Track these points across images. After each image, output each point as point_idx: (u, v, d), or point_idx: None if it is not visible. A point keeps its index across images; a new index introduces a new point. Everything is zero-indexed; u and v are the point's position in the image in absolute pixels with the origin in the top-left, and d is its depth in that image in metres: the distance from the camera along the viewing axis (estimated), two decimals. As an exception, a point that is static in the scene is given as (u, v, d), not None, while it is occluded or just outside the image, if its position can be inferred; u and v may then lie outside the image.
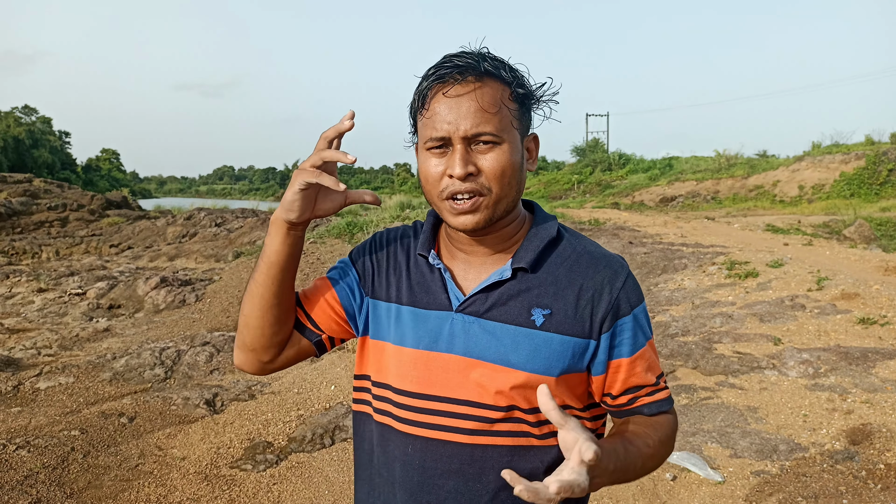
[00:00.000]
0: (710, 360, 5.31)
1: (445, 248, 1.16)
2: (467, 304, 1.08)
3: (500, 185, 1.02)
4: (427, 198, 1.08)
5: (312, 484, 3.51)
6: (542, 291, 1.07)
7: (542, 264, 1.10)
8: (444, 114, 1.01)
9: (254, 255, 7.99)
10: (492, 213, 1.04)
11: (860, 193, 20.92)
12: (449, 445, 1.07)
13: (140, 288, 8.25)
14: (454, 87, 1.01)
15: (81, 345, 6.21)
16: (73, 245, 14.02)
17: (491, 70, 1.03)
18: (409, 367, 1.10)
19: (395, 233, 1.23)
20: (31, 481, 3.28)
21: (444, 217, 1.06)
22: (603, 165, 34.47)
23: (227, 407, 4.45)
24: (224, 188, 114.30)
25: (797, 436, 3.93)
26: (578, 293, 1.07)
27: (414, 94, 1.08)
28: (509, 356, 1.05)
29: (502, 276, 1.08)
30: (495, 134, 1.01)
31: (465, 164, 1.00)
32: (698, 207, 23.49)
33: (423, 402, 1.08)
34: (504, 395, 1.05)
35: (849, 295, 6.59)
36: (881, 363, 4.97)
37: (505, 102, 1.03)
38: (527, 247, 1.10)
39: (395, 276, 1.16)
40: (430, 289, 1.12)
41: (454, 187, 1.01)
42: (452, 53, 1.04)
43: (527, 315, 1.06)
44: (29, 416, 4.19)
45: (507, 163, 1.02)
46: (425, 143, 1.04)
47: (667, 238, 11.64)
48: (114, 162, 78.50)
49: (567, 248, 1.12)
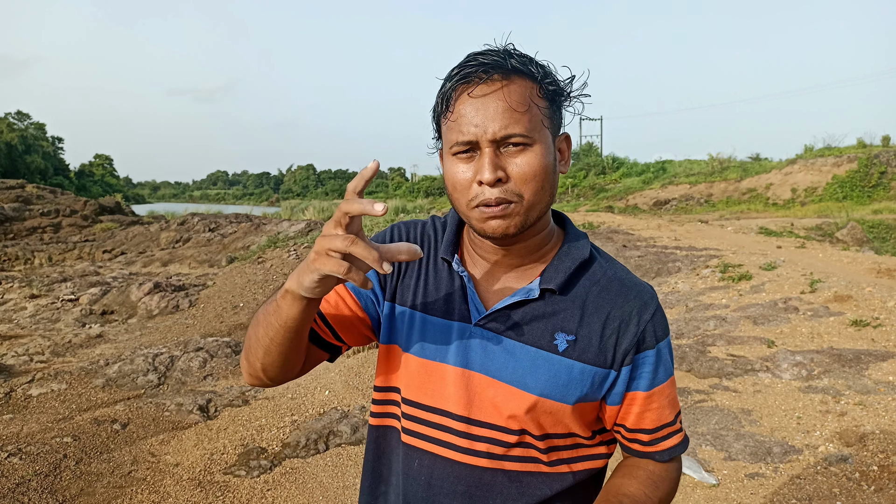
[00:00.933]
0: (704, 363, 5.32)
1: (468, 254, 1.10)
2: (489, 320, 1.02)
3: (533, 190, 0.95)
4: (455, 206, 1.01)
5: (307, 490, 3.50)
6: (568, 316, 1.02)
7: (571, 287, 1.04)
8: (470, 116, 0.94)
9: (260, 293, 7.98)
10: (524, 220, 0.97)
11: (852, 196, 21.03)
12: (457, 466, 1.03)
13: (133, 294, 8.22)
14: (479, 87, 0.94)
15: (74, 351, 6.18)
16: (66, 251, 13.96)
17: (518, 66, 0.95)
18: (419, 378, 1.05)
19: (415, 229, 1.15)
20: (23, 489, 3.26)
21: (473, 225, 0.99)
22: (597, 169, 34.54)
23: (220, 413, 4.43)
24: (218, 193, 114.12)
25: (791, 438, 3.94)
26: (605, 321, 1.01)
27: (437, 97, 1.01)
28: (526, 379, 1.00)
29: (528, 296, 1.02)
30: (526, 135, 0.93)
31: (495, 169, 0.93)
32: (692, 210, 23.55)
33: (434, 416, 1.04)
34: (516, 419, 1.01)
35: (842, 297, 6.62)
36: (874, 365, 4.99)
37: (534, 100, 0.96)
38: (557, 266, 1.04)
39: (415, 278, 1.09)
40: (451, 297, 1.06)
41: (484, 196, 0.94)
42: (476, 52, 0.97)
43: (549, 339, 1.01)
44: (21, 423, 4.16)
45: (540, 165, 0.95)
46: (451, 147, 0.97)
47: (660, 241, 11.67)
48: (107, 167, 78.33)
49: (598, 272, 1.06)
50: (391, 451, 1.11)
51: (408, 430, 1.07)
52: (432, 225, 1.15)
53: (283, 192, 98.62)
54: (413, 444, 1.06)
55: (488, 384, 1.01)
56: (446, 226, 1.14)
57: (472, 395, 1.02)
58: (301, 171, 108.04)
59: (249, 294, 8.09)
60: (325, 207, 22.68)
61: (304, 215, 20.61)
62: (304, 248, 9.92)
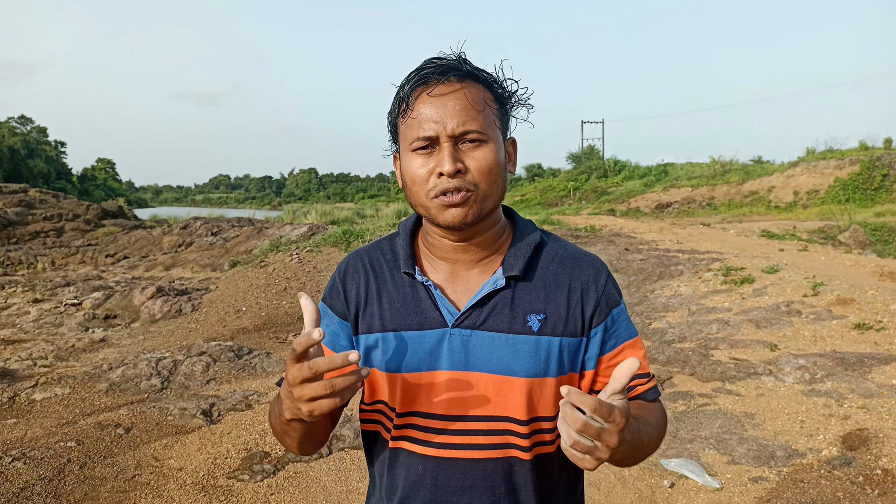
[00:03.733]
0: (707, 367, 5.32)
1: (427, 261, 1.14)
2: (463, 318, 1.07)
3: (488, 182, 1.03)
4: (412, 200, 1.07)
5: (310, 494, 3.50)
6: (534, 297, 1.08)
7: (532, 270, 1.11)
8: (429, 113, 1.01)
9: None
10: (479, 209, 1.03)
11: (855, 199, 20.99)
12: (461, 462, 1.07)
13: (136, 298, 8.24)
14: (438, 87, 1.02)
15: (77, 355, 6.19)
16: (69, 255, 13.98)
17: (472, 71, 1.04)
18: (410, 391, 1.08)
19: (360, 259, 1.19)
20: (27, 493, 3.26)
21: (432, 215, 1.04)
22: (598, 172, 34.53)
23: (223, 417, 4.43)
24: (220, 197, 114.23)
25: (794, 442, 3.93)
26: (568, 294, 1.09)
27: (394, 101, 1.08)
28: (511, 365, 1.05)
29: (496, 286, 1.07)
30: (482, 132, 1.01)
31: (454, 161, 1.00)
32: (694, 213, 23.53)
33: (434, 421, 1.07)
34: (511, 406, 1.06)
35: (844, 300, 6.61)
36: (877, 368, 4.99)
37: (488, 102, 1.04)
38: (515, 254, 1.10)
39: (376, 304, 1.13)
40: (420, 308, 1.09)
41: (443, 185, 1.01)
42: (432, 57, 1.05)
43: (522, 322, 1.06)
44: (25, 428, 4.17)
45: (494, 161, 1.03)
46: (410, 143, 1.03)
47: (663, 244, 11.66)
48: (109, 171, 78.52)
49: (550, 251, 1.14)
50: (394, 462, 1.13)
51: (409, 438, 1.10)
52: (378, 247, 1.20)
53: (286, 196, 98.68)
54: (415, 450, 1.09)
55: (478, 379, 1.06)
56: (393, 242, 1.19)
57: (465, 393, 1.06)
58: (303, 174, 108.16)
59: (252, 298, 8.10)
60: (328, 211, 22.69)
61: (307, 219, 20.63)
62: (306, 251, 9.93)
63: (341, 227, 12.04)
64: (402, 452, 1.10)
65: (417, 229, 1.19)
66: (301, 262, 9.35)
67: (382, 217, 13.82)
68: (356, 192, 76.55)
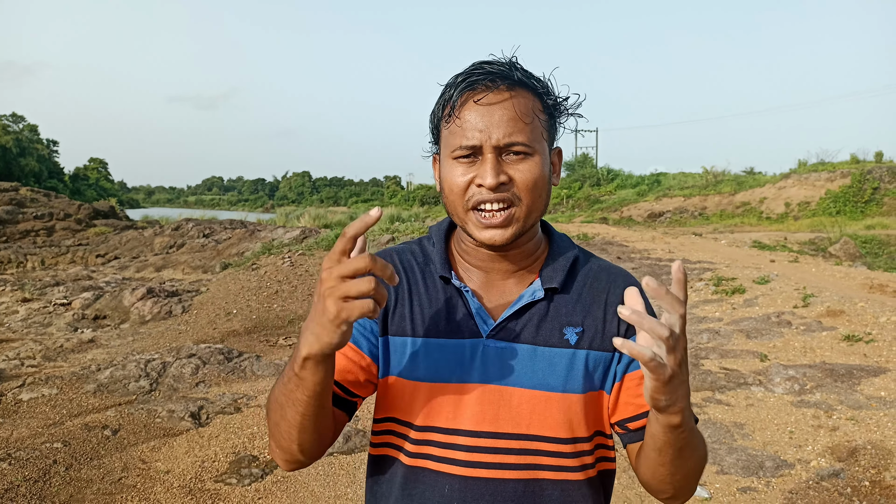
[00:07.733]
0: (697, 376, 5.33)
1: (461, 266, 1.09)
2: (499, 329, 1.02)
3: (532, 197, 0.98)
4: (449, 209, 1.02)
5: (298, 499, 3.48)
6: (571, 310, 1.04)
7: (569, 283, 1.07)
8: (475, 121, 0.96)
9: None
10: (522, 227, 0.99)
11: (846, 211, 21.17)
12: (492, 483, 1.00)
13: (126, 299, 8.19)
14: (487, 95, 0.96)
15: (66, 356, 6.14)
16: (59, 255, 13.90)
17: (523, 80, 0.99)
18: (435, 403, 1.02)
19: (390, 258, 1.12)
20: (12, 494, 3.23)
21: (469, 230, 1.00)
22: (592, 181, 34.66)
23: (212, 420, 4.41)
24: (213, 199, 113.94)
25: (783, 452, 3.94)
26: (604, 308, 1.05)
27: (438, 102, 1.02)
28: (548, 379, 1.01)
29: (535, 297, 1.03)
30: (528, 144, 0.97)
31: (497, 174, 0.95)
32: (686, 223, 23.66)
33: (460, 438, 1.01)
34: (546, 423, 1.00)
35: (834, 312, 6.65)
36: (866, 380, 5.01)
37: (536, 113, 0.99)
38: (553, 266, 1.06)
39: (408, 306, 1.06)
40: (454, 315, 1.04)
41: (481, 196, 0.96)
42: (483, 60, 1.00)
43: (559, 335, 1.02)
44: (11, 428, 4.13)
45: (539, 174, 0.98)
46: (452, 151, 0.98)
47: (655, 253, 11.70)
48: (102, 171, 78.09)
49: (585, 265, 1.11)
50: (415, 483, 1.04)
51: (430, 457, 1.02)
52: (409, 249, 1.13)
53: (279, 199, 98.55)
54: (440, 469, 1.01)
55: (511, 394, 1.01)
56: (423, 245, 1.13)
57: (497, 408, 1.00)
58: (297, 177, 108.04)
59: (243, 300, 8.06)
60: (320, 214, 22.65)
61: (299, 222, 20.58)
62: (298, 254, 9.90)
63: (334, 230, 12.02)
64: (425, 472, 1.02)
65: (450, 234, 1.14)
66: (293, 266, 9.32)
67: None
68: (349, 197, 76.47)
